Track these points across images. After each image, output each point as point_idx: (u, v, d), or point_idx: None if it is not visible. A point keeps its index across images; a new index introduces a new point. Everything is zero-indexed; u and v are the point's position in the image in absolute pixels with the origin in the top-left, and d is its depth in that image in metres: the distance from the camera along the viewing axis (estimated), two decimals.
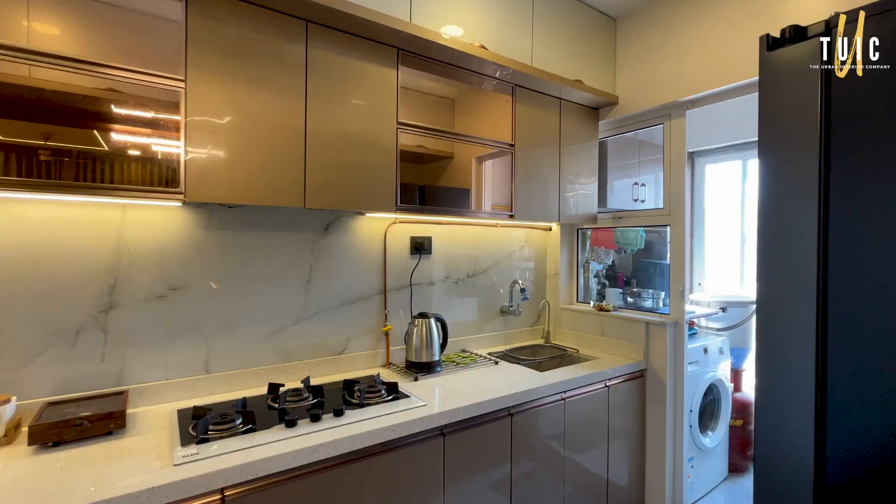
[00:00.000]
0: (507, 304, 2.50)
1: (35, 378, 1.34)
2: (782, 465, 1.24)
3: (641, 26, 2.31)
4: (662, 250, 2.69)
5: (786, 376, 1.23)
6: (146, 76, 1.26)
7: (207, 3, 1.34)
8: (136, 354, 1.48)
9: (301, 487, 1.21)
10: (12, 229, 1.31)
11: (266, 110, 1.43)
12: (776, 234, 1.25)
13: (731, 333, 2.99)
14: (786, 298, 1.23)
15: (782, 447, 1.24)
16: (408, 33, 1.63)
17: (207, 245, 1.61)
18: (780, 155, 1.24)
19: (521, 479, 1.72)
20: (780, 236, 1.25)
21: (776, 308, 1.25)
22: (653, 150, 2.42)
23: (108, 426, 1.23)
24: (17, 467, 1.07)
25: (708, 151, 3.41)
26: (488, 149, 2.02)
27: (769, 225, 1.27)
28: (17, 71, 1.11)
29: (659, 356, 2.19)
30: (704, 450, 2.51)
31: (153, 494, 1.00)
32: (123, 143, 1.22)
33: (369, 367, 1.97)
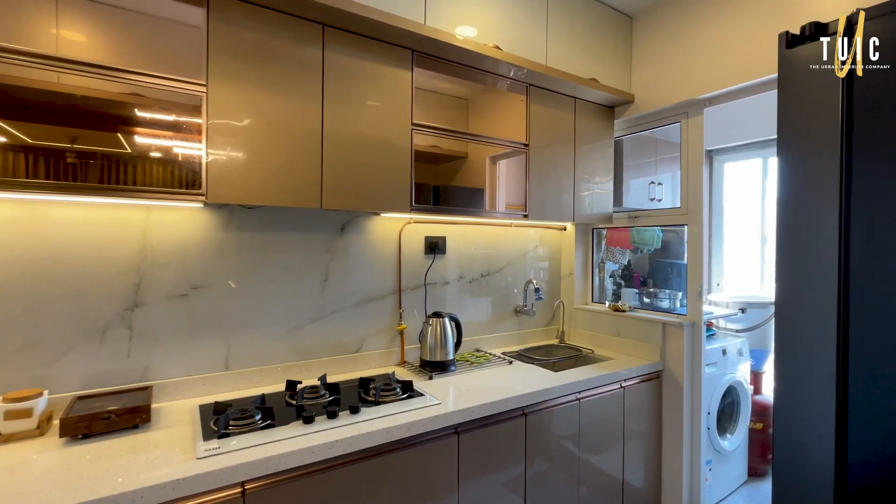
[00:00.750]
0: (521, 304, 2.50)
1: (66, 373, 1.40)
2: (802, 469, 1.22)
3: (658, 23, 2.28)
4: (679, 250, 2.66)
5: (806, 379, 1.21)
6: (169, 81, 1.30)
7: (227, 9, 1.38)
8: (159, 351, 1.53)
9: (318, 483, 1.23)
10: (44, 230, 1.37)
11: (283, 113, 1.46)
12: (796, 233, 1.23)
13: (751, 335, 2.93)
14: (806, 299, 1.21)
15: (802, 451, 1.22)
16: (422, 35, 1.64)
17: (227, 245, 1.65)
18: (800, 153, 1.22)
19: (536, 479, 1.72)
20: (799, 235, 1.22)
21: (796, 309, 1.23)
22: (670, 149, 2.39)
23: (134, 420, 1.28)
24: (50, 458, 1.12)
25: (727, 149, 3.35)
26: (502, 149, 2.03)
27: (789, 224, 1.25)
28: (46, 77, 1.16)
29: (676, 357, 2.16)
30: (723, 453, 2.47)
31: (177, 486, 1.03)
32: (147, 146, 1.27)
33: (384, 365, 2.00)
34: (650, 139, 2.54)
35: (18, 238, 1.34)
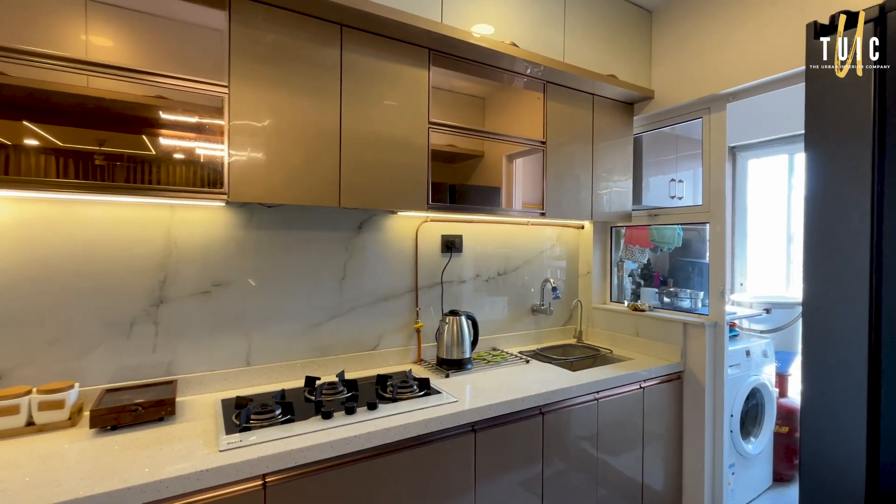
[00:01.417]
0: (538, 303, 2.48)
1: (95, 366, 1.45)
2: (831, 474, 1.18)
3: (679, 17, 2.24)
4: (701, 249, 2.60)
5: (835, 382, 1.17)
6: (192, 83, 1.33)
7: (248, 12, 1.40)
8: (183, 346, 1.57)
9: (336, 477, 1.25)
10: (74, 229, 1.42)
11: (302, 113, 1.48)
12: (825, 230, 1.19)
13: (776, 336, 2.85)
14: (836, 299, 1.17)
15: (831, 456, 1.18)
16: (439, 33, 1.65)
17: (248, 243, 1.69)
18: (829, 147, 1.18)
19: (553, 479, 1.70)
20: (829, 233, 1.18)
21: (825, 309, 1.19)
22: (691, 146, 2.35)
23: (159, 412, 1.32)
24: (81, 448, 1.16)
25: (751, 146, 3.26)
26: (519, 147, 2.02)
27: (817, 222, 1.21)
28: (76, 81, 1.20)
29: (697, 358, 2.12)
30: (746, 457, 2.41)
31: (201, 477, 1.06)
32: (172, 147, 1.30)
33: (401, 363, 2.01)
34: (670, 136, 2.49)
35: (50, 236, 1.39)
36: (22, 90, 1.15)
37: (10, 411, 1.22)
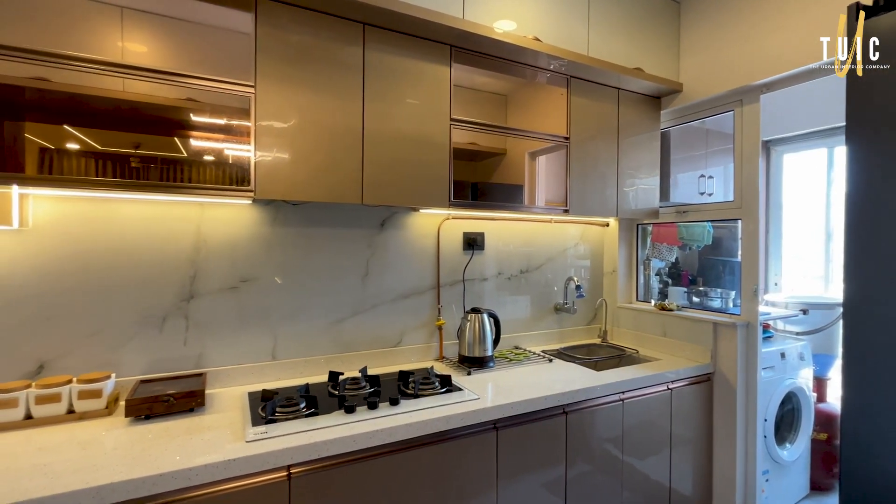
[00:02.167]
0: (561, 302, 2.45)
1: (130, 358, 1.51)
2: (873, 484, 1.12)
3: (709, 6, 2.16)
4: (732, 247, 2.51)
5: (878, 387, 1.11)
6: (221, 83, 1.37)
7: (274, 13, 1.43)
8: (212, 340, 1.62)
9: (359, 470, 1.26)
10: (111, 226, 1.48)
11: (326, 112, 1.51)
12: (868, 228, 1.13)
13: (814, 338, 2.72)
14: (879, 300, 1.11)
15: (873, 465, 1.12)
16: (461, 30, 1.64)
17: (273, 240, 1.73)
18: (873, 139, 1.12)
19: (577, 480, 1.68)
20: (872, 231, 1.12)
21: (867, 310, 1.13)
22: (721, 140, 2.26)
23: (190, 403, 1.36)
24: (117, 436, 1.21)
25: (786, 139, 3.13)
26: (542, 143, 1.99)
27: (860, 218, 1.15)
28: (113, 85, 1.26)
29: (728, 359, 2.04)
30: (782, 463, 2.32)
31: (229, 467, 1.09)
32: (201, 147, 1.35)
33: (423, 360, 2.02)
34: (700, 130, 2.41)
35: (89, 233, 1.46)
36: (63, 94, 1.21)
37: (52, 399, 1.29)
